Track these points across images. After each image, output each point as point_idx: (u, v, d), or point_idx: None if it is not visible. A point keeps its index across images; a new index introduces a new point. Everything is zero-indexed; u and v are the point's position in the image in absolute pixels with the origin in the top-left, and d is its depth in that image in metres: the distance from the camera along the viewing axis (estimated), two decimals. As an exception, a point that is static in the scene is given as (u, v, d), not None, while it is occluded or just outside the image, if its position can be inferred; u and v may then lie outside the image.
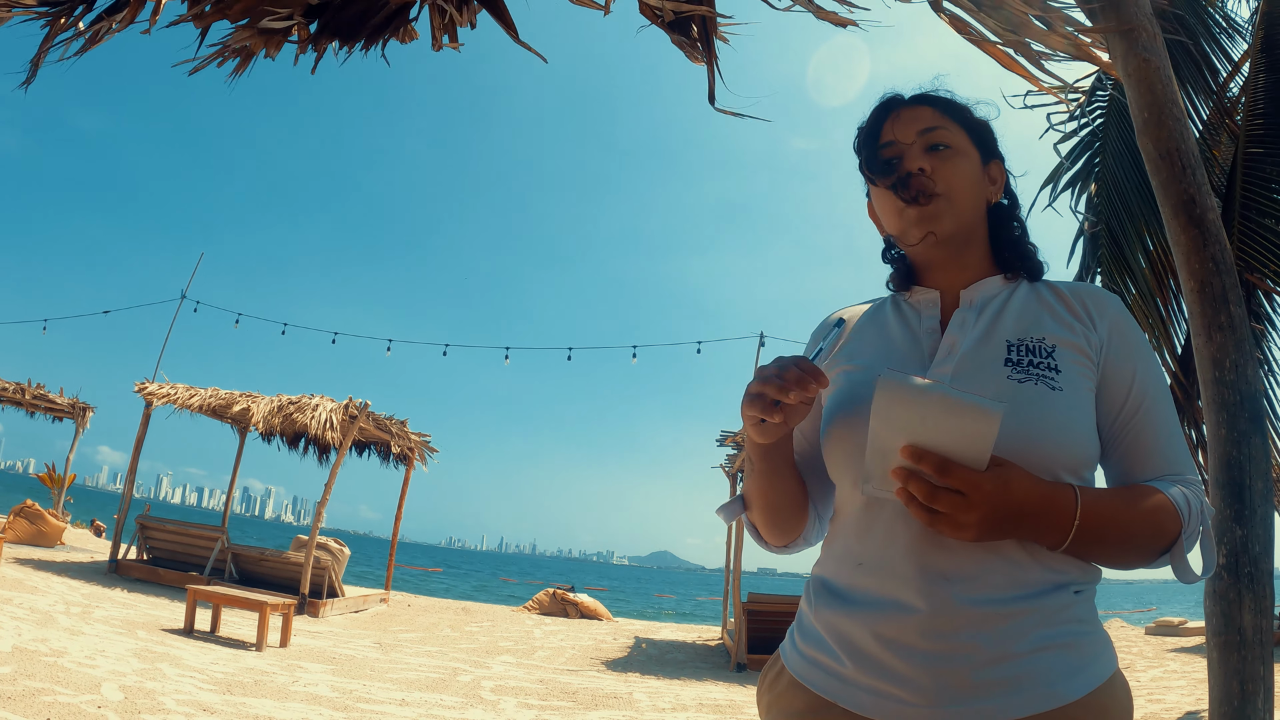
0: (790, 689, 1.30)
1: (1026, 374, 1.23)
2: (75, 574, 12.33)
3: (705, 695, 8.52)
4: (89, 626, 8.05)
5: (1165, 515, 1.19)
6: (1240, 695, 2.05)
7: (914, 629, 1.16)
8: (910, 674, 1.15)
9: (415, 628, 12.60)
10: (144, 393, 14.36)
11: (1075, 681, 1.15)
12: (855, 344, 1.43)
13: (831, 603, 1.28)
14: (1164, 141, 2.26)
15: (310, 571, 12.50)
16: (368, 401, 13.61)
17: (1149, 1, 2.37)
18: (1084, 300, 1.35)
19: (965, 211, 1.38)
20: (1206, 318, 2.22)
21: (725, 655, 11.80)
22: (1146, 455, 1.28)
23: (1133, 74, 2.32)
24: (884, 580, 1.21)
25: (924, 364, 1.32)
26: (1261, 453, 2.21)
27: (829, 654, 1.25)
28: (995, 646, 1.13)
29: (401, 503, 16.72)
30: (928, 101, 1.43)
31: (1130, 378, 1.29)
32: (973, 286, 1.39)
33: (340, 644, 9.79)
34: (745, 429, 1.24)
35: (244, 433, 16.78)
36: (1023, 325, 1.31)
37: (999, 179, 1.46)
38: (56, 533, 16.04)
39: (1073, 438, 1.22)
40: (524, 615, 15.87)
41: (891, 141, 1.40)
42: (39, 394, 18.88)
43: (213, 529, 13.77)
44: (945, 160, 1.37)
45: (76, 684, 5.54)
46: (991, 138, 1.46)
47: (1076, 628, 1.18)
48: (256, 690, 6.36)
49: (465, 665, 9.18)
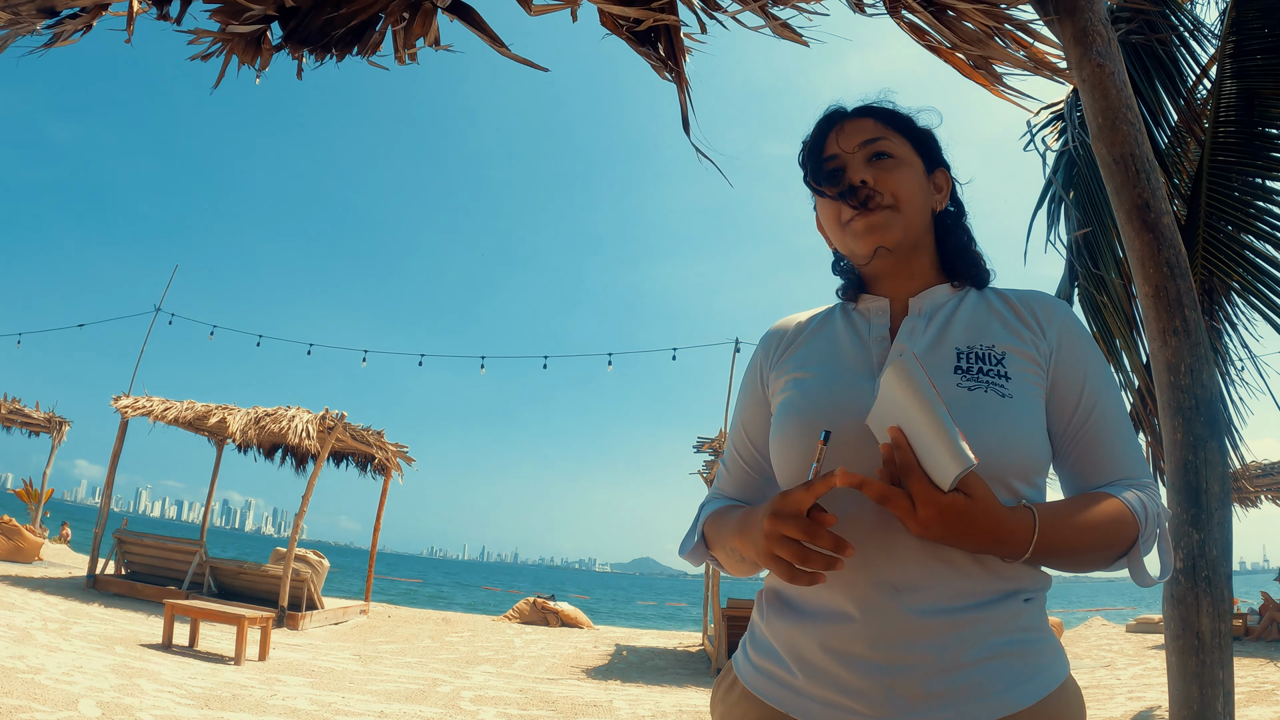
0: (742, 700, 1.30)
1: (976, 381, 1.24)
2: (53, 590, 12.21)
3: (685, 702, 8.53)
4: (67, 643, 7.97)
5: (1122, 522, 1.20)
6: (1200, 699, 2.07)
7: (862, 640, 1.16)
8: (860, 685, 1.15)
9: (395, 639, 12.54)
10: (120, 406, 14.25)
11: (1025, 689, 1.15)
12: (805, 352, 1.43)
13: (783, 613, 1.28)
14: (1118, 146, 2.29)
15: (289, 584, 12.42)
16: (344, 412, 13.57)
17: (1104, 7, 2.40)
18: (1032, 307, 1.36)
19: (912, 219, 1.38)
20: (1162, 323, 2.25)
21: (706, 661, 11.81)
22: (1100, 460, 1.29)
23: (1087, 79, 2.35)
24: (833, 591, 1.21)
25: (873, 372, 1.31)
26: (1218, 457, 2.23)
27: (780, 665, 1.26)
28: (944, 656, 1.14)
29: (380, 513, 16.66)
30: (869, 113, 1.44)
31: (1081, 383, 1.30)
32: (921, 295, 1.40)
33: (320, 656, 9.73)
34: (763, 560, 1.19)
35: (221, 445, 16.68)
36: (972, 333, 1.32)
37: (944, 186, 1.47)
38: (34, 548, 15.88)
39: (1022, 445, 1.22)
40: (504, 624, 15.82)
41: (835, 154, 1.41)
42: (14, 409, 18.70)
43: (191, 543, 13.66)
44: (888, 170, 1.38)
45: (54, 700, 5.49)
46: (935, 146, 1.47)
47: (1026, 635, 1.20)
48: (235, 704, 6.32)
49: (445, 676, 9.15)
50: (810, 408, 1.30)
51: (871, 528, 1.20)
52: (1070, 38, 2.39)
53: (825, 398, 1.30)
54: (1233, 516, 2.22)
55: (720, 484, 1.54)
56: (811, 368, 1.38)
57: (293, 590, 12.64)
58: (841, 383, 1.32)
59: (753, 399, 1.49)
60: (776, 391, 1.42)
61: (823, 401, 1.30)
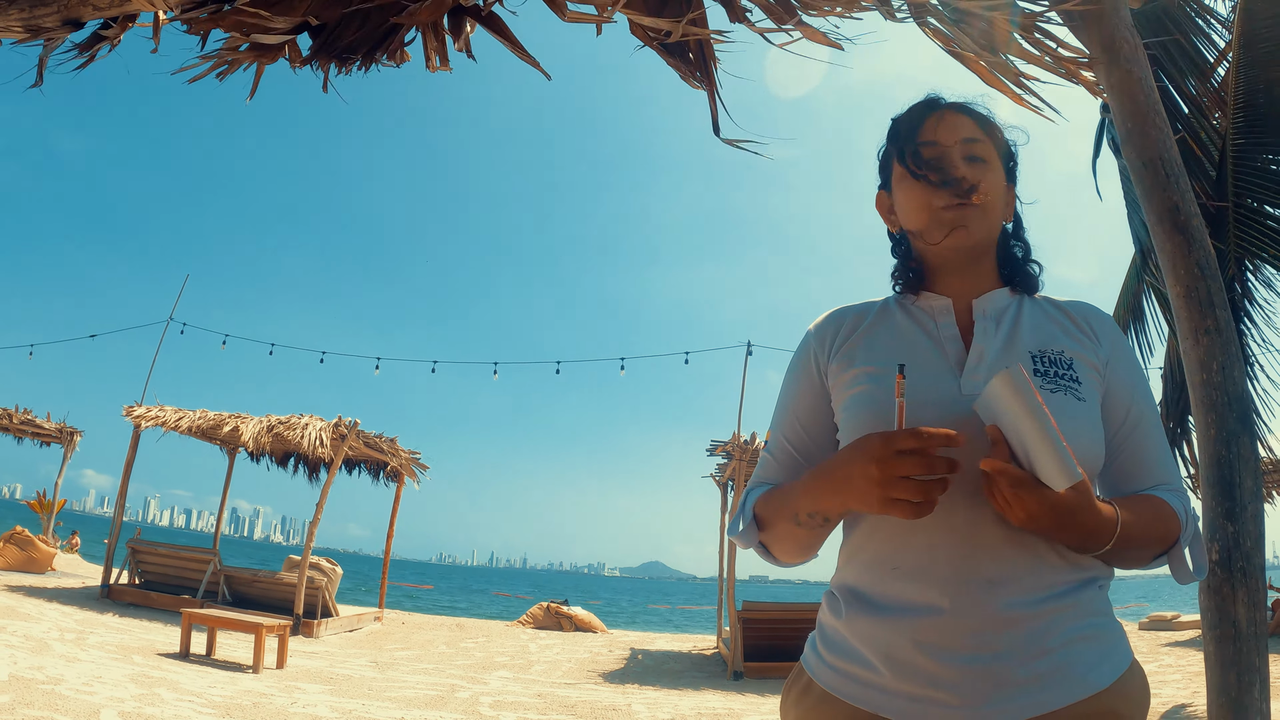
0: (822, 702, 1.30)
1: (1056, 384, 1.29)
2: (68, 600, 12.27)
3: (704, 704, 8.53)
4: (84, 653, 8.01)
5: (1171, 521, 1.28)
6: (1237, 686, 2.10)
7: (956, 632, 1.19)
8: (951, 677, 1.18)
9: (410, 645, 12.57)
10: (133, 416, 14.30)
11: (1102, 670, 1.21)
12: (870, 346, 1.43)
13: (866, 611, 1.29)
14: (1148, 150, 2.31)
15: (304, 592, 12.45)
16: (357, 420, 13.61)
17: (1129, 14, 2.42)
18: (1086, 317, 1.42)
19: (995, 223, 1.44)
20: (1194, 322, 2.27)
21: (722, 664, 11.79)
22: (1144, 466, 1.36)
23: (1115, 86, 2.37)
24: (923, 586, 1.23)
25: (953, 372, 1.34)
26: (1250, 451, 2.26)
27: (863, 664, 1.26)
28: (1032, 644, 1.18)
29: (393, 520, 16.68)
30: (969, 112, 1.46)
31: (1130, 394, 1.37)
32: (984, 297, 1.43)
33: (336, 664, 9.76)
34: (863, 499, 1.18)
35: (233, 454, 16.73)
36: (1040, 338, 1.37)
37: (1011, 203, 1.51)
38: (47, 559, 15.95)
39: (1094, 446, 1.28)
40: (519, 630, 15.83)
41: (933, 142, 1.43)
42: (26, 419, 18.77)
43: (205, 551, 13.70)
44: (982, 172, 1.41)
45: (75, 711, 5.52)
46: (1015, 163, 1.51)
47: (1099, 619, 1.25)
48: (255, 713, 6.34)
49: (463, 682, 9.17)
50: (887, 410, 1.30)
51: (960, 523, 1.23)
52: (1097, 44, 2.40)
53: (911, 395, 1.29)
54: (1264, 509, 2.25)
55: (765, 473, 1.53)
56: (883, 362, 1.38)
57: (307, 598, 12.67)
58: (926, 381, 1.33)
59: (807, 388, 1.49)
60: (844, 384, 1.41)
61: (909, 399, 1.29)
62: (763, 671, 10.86)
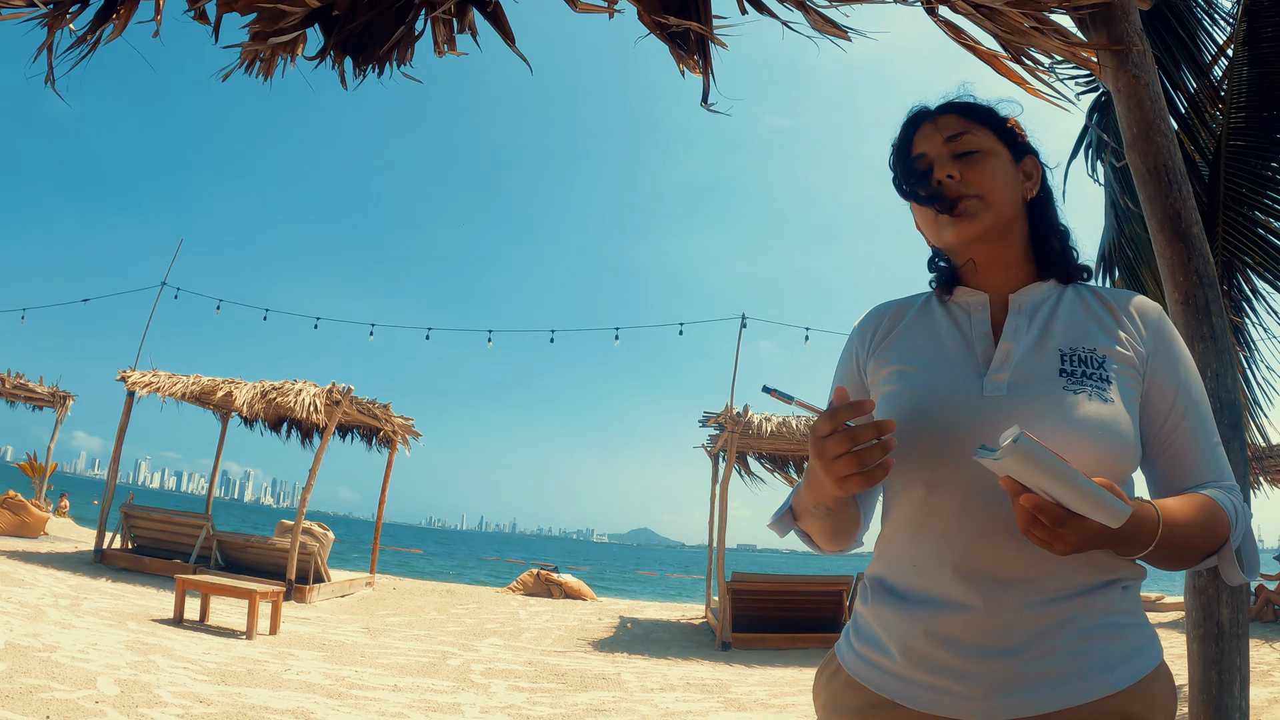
0: (847, 687, 1.34)
1: (1081, 385, 1.26)
2: (61, 565, 12.32)
3: (692, 675, 8.64)
4: (79, 619, 8.06)
5: (1218, 521, 1.24)
6: (1218, 684, 2.14)
7: (967, 626, 1.21)
8: (963, 668, 1.20)
9: (402, 611, 12.67)
10: (127, 382, 14.28)
11: (1122, 670, 1.20)
12: (906, 343, 1.45)
13: (889, 601, 1.32)
14: (1151, 157, 2.32)
15: (296, 557, 12.52)
16: (350, 386, 13.61)
17: (1139, 18, 2.42)
18: (1129, 308, 1.38)
19: (1002, 209, 1.41)
20: (1190, 329, 2.29)
21: (710, 634, 11.93)
22: (1192, 463, 1.32)
23: (1122, 90, 2.38)
24: (938, 580, 1.25)
25: (979, 370, 1.34)
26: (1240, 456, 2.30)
27: (882, 651, 1.30)
28: (1045, 640, 1.19)
29: (385, 486, 16.75)
30: (951, 109, 1.47)
31: (1175, 387, 1.33)
32: (1021, 291, 1.42)
33: (329, 630, 9.84)
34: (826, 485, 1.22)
35: (226, 418, 16.74)
36: (1074, 334, 1.34)
37: (1034, 173, 1.48)
38: (40, 523, 15.98)
39: (1122, 450, 1.25)
40: (509, 596, 15.95)
41: (922, 154, 1.44)
42: (18, 383, 18.71)
43: (198, 516, 13.74)
44: (974, 164, 1.41)
45: (72, 679, 5.57)
46: (1019, 133, 1.49)
47: (1122, 619, 1.24)
48: (250, 680, 6.41)
49: (454, 649, 9.26)
50: (916, 404, 1.33)
51: (977, 522, 1.24)
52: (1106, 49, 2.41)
53: (931, 395, 1.33)
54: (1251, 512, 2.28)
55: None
56: (914, 360, 1.41)
57: (300, 564, 12.75)
58: (949, 380, 1.34)
59: (852, 386, 1.51)
60: (880, 381, 1.44)
61: (929, 399, 1.33)
62: (750, 643, 10.99)
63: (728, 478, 12.52)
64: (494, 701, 6.66)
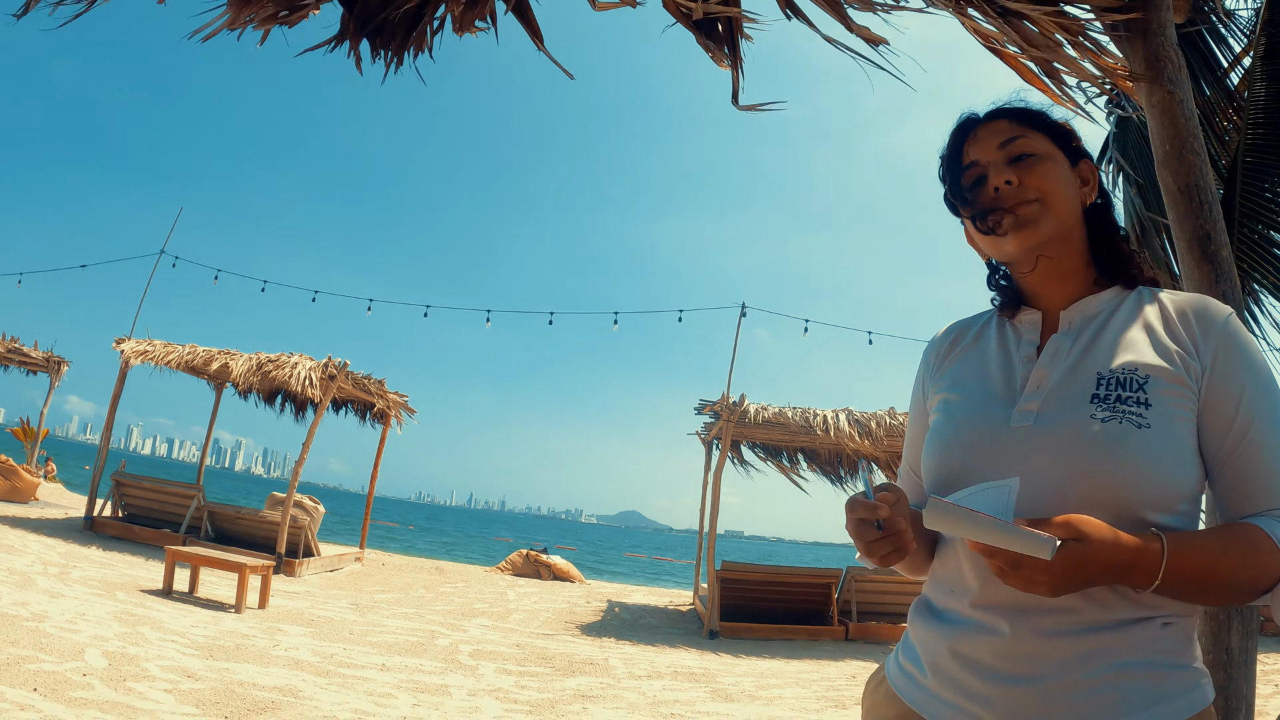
0: (886, 698, 1.37)
1: (1113, 411, 1.20)
2: (51, 531, 12.29)
3: (679, 663, 8.66)
4: (68, 588, 8.04)
5: (1260, 552, 1.14)
6: (1225, 709, 2.13)
7: (990, 650, 1.20)
8: (983, 692, 1.20)
9: (390, 588, 12.67)
10: (122, 350, 14.22)
11: (1156, 712, 1.14)
12: (958, 370, 1.44)
13: (925, 618, 1.35)
14: (1183, 176, 2.28)
15: (287, 531, 12.51)
16: (347, 361, 13.59)
17: (1174, 32, 2.38)
18: (1191, 318, 1.28)
19: (1063, 214, 1.36)
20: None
21: (697, 621, 11.95)
22: (1251, 487, 1.21)
23: (1156, 105, 2.33)
24: (966, 605, 1.27)
25: (1013, 398, 1.31)
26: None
27: (918, 667, 1.32)
28: (1068, 672, 1.15)
29: (377, 462, 16.76)
30: (1003, 114, 1.42)
31: (1236, 402, 1.22)
32: (1073, 306, 1.37)
33: (318, 605, 9.84)
34: (864, 556, 1.28)
35: (220, 388, 16.69)
36: (1118, 353, 1.27)
37: (1090, 179, 1.43)
38: (31, 488, 15.93)
39: (1158, 477, 1.18)
40: (497, 576, 15.97)
41: (974, 162, 1.40)
42: (13, 347, 18.63)
43: (189, 487, 13.71)
44: (1031, 168, 1.36)
45: (60, 651, 5.55)
46: (1074, 137, 1.44)
47: (1162, 659, 1.17)
48: (238, 655, 6.40)
49: (442, 629, 9.26)
50: (952, 435, 1.34)
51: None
52: (1141, 60, 2.35)
53: (966, 426, 1.33)
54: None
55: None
56: (960, 388, 1.40)
57: (290, 537, 12.73)
58: (984, 409, 1.33)
59: (918, 415, 1.52)
60: (932, 409, 1.45)
61: (963, 430, 1.33)
62: (738, 632, 11.01)
63: (721, 465, 12.52)
64: (482, 684, 6.66)
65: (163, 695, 4.95)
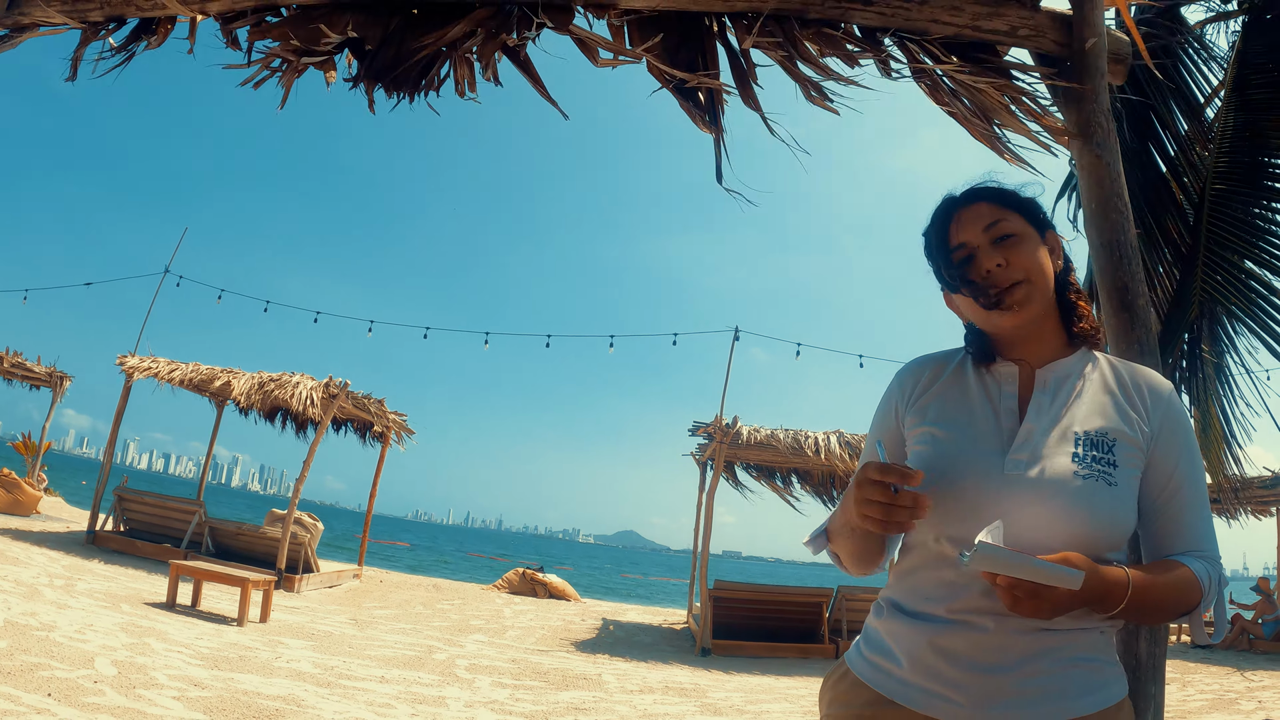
0: (853, 687, 1.55)
1: (1090, 470, 1.42)
2: (54, 544, 12.46)
3: (671, 679, 8.82)
4: (74, 600, 8.22)
5: (1191, 588, 1.41)
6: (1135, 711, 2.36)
7: (971, 644, 1.41)
8: (959, 679, 1.40)
9: (388, 604, 12.83)
10: (126, 367, 14.41)
11: (1095, 698, 1.39)
12: (940, 405, 1.60)
13: (899, 618, 1.52)
14: (1107, 232, 2.52)
15: (287, 547, 12.67)
16: (347, 381, 13.77)
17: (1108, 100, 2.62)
18: (1143, 390, 1.54)
19: (1046, 289, 1.55)
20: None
21: (690, 639, 12.09)
22: (1177, 532, 1.49)
23: (1086, 167, 2.57)
24: (943, 609, 1.45)
25: (1003, 447, 1.49)
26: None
27: (890, 658, 1.50)
28: (1031, 663, 1.38)
29: (376, 481, 16.91)
30: (982, 196, 1.59)
31: (1173, 466, 1.49)
32: (1047, 367, 1.56)
33: (317, 620, 10.01)
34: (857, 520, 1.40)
35: (221, 404, 16.87)
36: (1090, 416, 1.49)
37: (1057, 246, 1.62)
38: (33, 501, 16.09)
39: (1118, 526, 1.43)
40: (494, 594, 16.09)
41: (961, 244, 1.57)
42: (16, 362, 18.80)
43: (191, 503, 13.89)
44: (1014, 248, 1.53)
45: (71, 659, 5.75)
46: (1041, 211, 1.61)
47: (1097, 657, 1.43)
48: (242, 666, 6.58)
49: (439, 644, 9.43)
50: (945, 469, 1.49)
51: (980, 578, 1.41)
52: (1074, 124, 2.59)
53: (960, 464, 1.50)
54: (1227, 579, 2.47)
55: None
56: (945, 426, 1.56)
57: (290, 553, 12.89)
58: (976, 452, 1.50)
59: (888, 429, 1.68)
60: (914, 438, 1.60)
61: (957, 467, 1.49)
62: (729, 649, 11.17)
63: (714, 486, 12.69)
64: (478, 696, 6.84)
65: (171, 702, 5.14)
